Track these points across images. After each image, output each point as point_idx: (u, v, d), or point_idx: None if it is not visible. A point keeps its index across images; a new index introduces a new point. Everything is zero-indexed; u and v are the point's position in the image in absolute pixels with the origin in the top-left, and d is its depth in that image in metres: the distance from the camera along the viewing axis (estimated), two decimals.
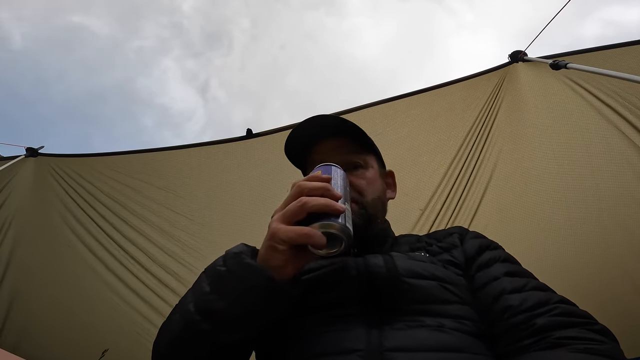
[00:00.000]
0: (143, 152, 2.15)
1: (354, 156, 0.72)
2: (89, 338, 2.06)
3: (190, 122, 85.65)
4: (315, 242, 0.43)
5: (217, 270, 0.50)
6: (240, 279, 0.47)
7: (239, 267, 0.48)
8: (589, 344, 0.46)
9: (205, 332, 0.47)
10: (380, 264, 0.58)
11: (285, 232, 0.44)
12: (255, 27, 55.09)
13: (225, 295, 0.47)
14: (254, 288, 0.46)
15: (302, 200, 0.45)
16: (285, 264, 0.46)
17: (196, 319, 0.47)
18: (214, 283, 0.49)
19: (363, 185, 0.70)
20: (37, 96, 57.94)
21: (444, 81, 2.03)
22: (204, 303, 0.48)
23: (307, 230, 0.44)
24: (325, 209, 0.44)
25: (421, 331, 0.50)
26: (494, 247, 0.67)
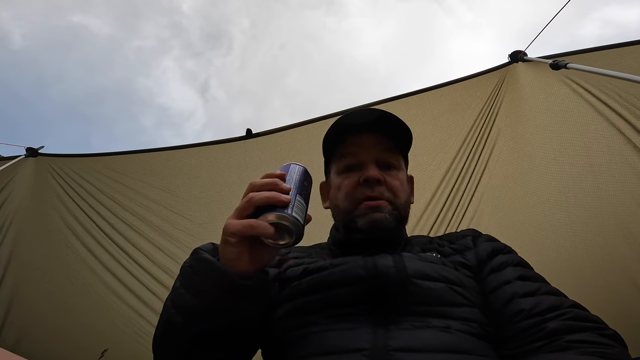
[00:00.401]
0: (143, 152, 2.15)
1: (389, 155, 0.71)
2: (89, 338, 2.07)
3: (189, 122, 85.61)
4: (261, 232, 0.45)
5: (184, 266, 0.53)
6: (198, 274, 0.50)
7: (197, 263, 0.51)
8: (598, 347, 0.46)
9: (178, 324, 0.50)
10: (389, 264, 0.58)
11: (234, 226, 0.46)
12: (255, 27, 55.10)
13: (189, 289, 0.50)
14: (210, 281, 0.48)
15: (249, 196, 0.47)
16: (239, 256, 0.48)
17: (172, 312, 0.51)
18: (182, 279, 0.53)
19: (397, 186, 0.69)
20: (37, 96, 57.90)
21: (444, 81, 2.03)
22: (176, 297, 0.51)
23: (252, 221, 0.46)
24: (270, 201, 0.46)
25: (427, 332, 0.51)
26: (507, 251, 0.66)
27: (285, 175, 0.52)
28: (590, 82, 1.78)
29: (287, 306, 0.59)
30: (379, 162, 0.69)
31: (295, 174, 0.53)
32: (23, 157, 2.13)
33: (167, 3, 39.57)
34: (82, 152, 2.19)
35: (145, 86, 69.00)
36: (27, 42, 36.21)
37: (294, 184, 0.51)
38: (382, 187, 0.67)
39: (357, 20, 54.95)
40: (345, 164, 0.71)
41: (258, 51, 66.93)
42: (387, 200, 0.66)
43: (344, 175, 0.70)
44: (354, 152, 0.70)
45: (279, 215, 0.46)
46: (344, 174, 0.70)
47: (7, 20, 29.12)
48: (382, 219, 0.64)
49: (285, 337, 0.56)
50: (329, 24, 59.18)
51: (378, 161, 0.69)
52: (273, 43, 60.91)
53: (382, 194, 0.66)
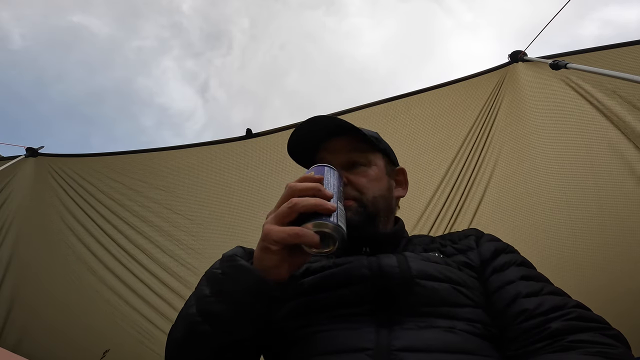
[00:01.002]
0: (143, 152, 2.15)
1: (355, 155, 0.72)
2: (90, 338, 2.07)
3: (189, 122, 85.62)
4: (307, 241, 0.44)
5: (214, 273, 0.52)
6: (234, 281, 0.48)
7: (232, 270, 0.49)
8: (601, 347, 0.46)
9: (206, 333, 0.48)
10: (393, 264, 0.58)
11: (277, 233, 0.45)
12: (255, 27, 55.11)
13: (222, 298, 0.48)
14: (248, 289, 0.47)
15: (292, 201, 0.45)
16: (279, 264, 0.47)
17: (197, 321, 0.49)
18: (212, 286, 0.51)
19: (362, 183, 0.69)
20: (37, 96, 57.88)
21: (444, 81, 2.03)
22: (204, 305, 0.49)
23: (298, 230, 0.44)
24: (315, 209, 0.45)
25: (431, 332, 0.50)
26: (509, 251, 0.66)
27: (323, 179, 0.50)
28: (590, 82, 1.78)
29: (290, 305, 0.59)
30: (346, 164, 0.71)
31: (332, 179, 0.51)
32: (23, 157, 2.13)
33: (167, 3, 39.53)
34: (81, 152, 2.19)
35: (145, 86, 68.98)
36: (27, 42, 36.19)
37: (334, 189, 0.49)
38: (347, 187, 0.67)
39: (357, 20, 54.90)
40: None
41: (258, 51, 66.87)
42: (352, 199, 0.66)
43: None
44: (322, 157, 0.73)
45: (324, 224, 0.44)
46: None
47: (7, 20, 29.11)
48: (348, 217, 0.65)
49: (287, 337, 0.56)
50: (329, 24, 59.16)
51: (346, 162, 0.71)
52: (273, 43, 60.87)
53: (347, 194, 0.66)
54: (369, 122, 2.04)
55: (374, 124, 2.04)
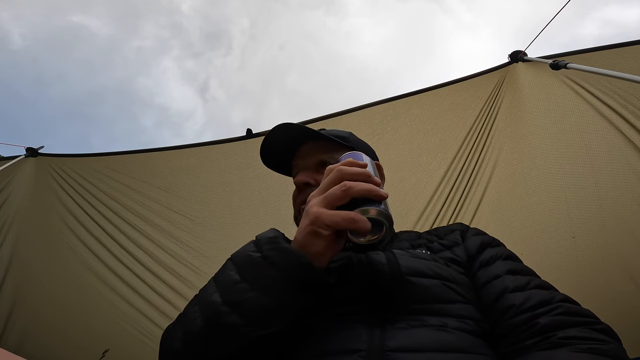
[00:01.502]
0: (143, 152, 2.15)
1: (324, 155, 0.72)
2: (90, 338, 2.07)
3: (189, 121, 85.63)
4: (361, 227, 0.42)
5: (249, 256, 0.46)
6: (276, 266, 0.44)
7: (276, 253, 0.44)
8: (592, 343, 0.45)
9: (233, 325, 0.42)
10: (382, 261, 0.57)
11: (330, 217, 0.42)
12: (255, 27, 55.11)
13: (258, 284, 0.44)
14: (292, 276, 0.43)
15: (346, 185, 0.43)
16: (326, 250, 0.44)
17: (223, 311, 0.43)
18: (244, 271, 0.45)
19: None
20: (37, 96, 57.90)
21: (444, 81, 2.03)
22: (232, 293, 0.44)
23: (354, 214, 0.42)
24: (368, 194, 0.43)
25: (424, 331, 0.50)
26: (495, 245, 0.66)
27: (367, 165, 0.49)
28: (590, 82, 1.78)
29: None
30: (317, 164, 0.71)
31: (371, 168, 0.50)
32: (23, 157, 2.13)
33: (166, 3, 39.58)
34: (81, 152, 2.19)
35: (145, 86, 69.15)
36: (27, 42, 36.27)
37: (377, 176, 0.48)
38: (312, 187, 0.67)
39: (357, 20, 54.95)
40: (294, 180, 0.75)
41: (258, 51, 67.03)
42: None
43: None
44: (295, 164, 0.75)
45: (379, 211, 0.43)
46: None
47: (7, 20, 29.16)
48: None
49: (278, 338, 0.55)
50: (329, 24, 59.25)
51: (317, 163, 0.71)
52: (273, 43, 60.99)
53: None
54: (369, 122, 2.05)
55: (374, 124, 2.05)
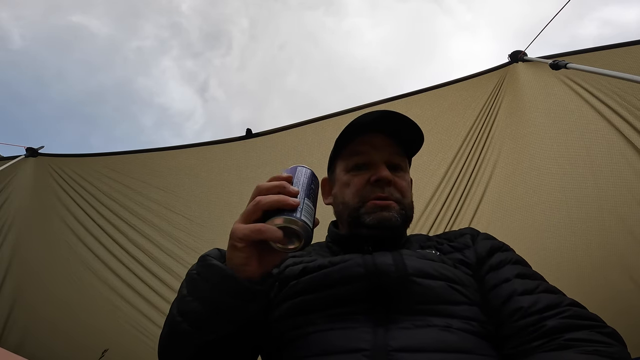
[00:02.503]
0: (143, 152, 2.15)
1: (398, 158, 0.73)
2: (90, 337, 2.07)
3: (189, 121, 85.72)
4: (270, 237, 0.45)
5: (190, 274, 0.52)
6: (206, 280, 0.49)
7: (204, 269, 0.50)
8: (598, 346, 0.46)
9: (186, 332, 0.49)
10: (389, 262, 0.58)
11: (241, 230, 0.46)
12: (254, 27, 55.14)
13: (197, 297, 0.49)
14: (219, 287, 0.47)
15: (256, 199, 0.46)
16: (247, 261, 0.47)
17: (178, 320, 0.50)
18: (189, 286, 0.51)
19: (404, 187, 0.71)
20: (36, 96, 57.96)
21: (444, 81, 2.03)
22: (182, 305, 0.50)
23: (260, 225, 0.45)
24: (278, 205, 0.46)
25: (428, 331, 0.50)
26: (505, 249, 0.67)
27: (292, 178, 0.51)
28: (590, 82, 1.78)
29: (286, 305, 0.59)
30: (388, 163, 0.70)
31: (302, 177, 0.52)
32: (23, 157, 2.13)
33: (166, 3, 39.56)
34: (80, 152, 2.19)
35: (145, 86, 69.20)
36: (27, 42, 36.26)
37: (302, 187, 0.50)
38: (391, 187, 0.68)
39: (357, 20, 54.93)
40: (355, 162, 0.71)
41: (257, 51, 67.09)
42: (395, 201, 0.67)
43: (353, 173, 0.71)
44: (365, 151, 0.71)
45: (287, 219, 0.45)
46: (353, 171, 0.71)
47: (6, 20, 29.16)
48: (390, 217, 0.66)
49: (284, 337, 0.56)
50: (329, 24, 59.27)
51: (388, 162, 0.71)
52: (272, 43, 61.03)
53: (391, 194, 0.68)
54: None
55: None
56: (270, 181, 0.49)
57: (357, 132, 0.72)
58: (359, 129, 0.71)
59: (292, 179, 0.51)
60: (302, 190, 0.49)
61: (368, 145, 0.71)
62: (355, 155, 0.72)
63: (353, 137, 0.72)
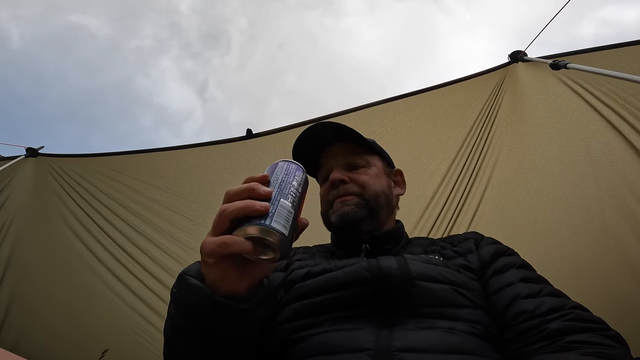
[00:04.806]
0: (143, 152, 2.15)
1: (355, 157, 0.78)
2: (89, 338, 2.06)
3: (188, 121, 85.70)
4: (237, 249, 0.39)
5: (172, 292, 0.50)
6: (186, 300, 0.47)
7: (183, 289, 0.47)
8: (599, 348, 0.46)
9: (181, 348, 0.49)
10: (393, 265, 0.58)
11: (207, 245, 0.41)
12: (253, 27, 55.15)
13: (183, 316, 0.48)
14: (199, 306, 0.45)
15: (222, 208, 0.41)
16: (223, 276, 0.43)
17: (172, 337, 0.50)
18: (174, 304, 0.50)
19: (364, 179, 0.75)
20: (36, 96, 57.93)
21: (444, 81, 2.03)
22: (172, 322, 0.50)
23: (225, 238, 0.40)
24: (243, 212, 0.40)
25: (431, 333, 0.51)
26: (509, 254, 0.67)
27: (270, 177, 0.45)
28: (590, 82, 1.78)
29: (291, 308, 0.59)
30: (347, 165, 0.77)
31: (281, 174, 0.45)
32: (23, 157, 2.13)
33: (165, 3, 39.55)
34: (80, 152, 2.19)
35: (144, 86, 69.29)
36: (26, 42, 36.28)
37: (278, 186, 0.43)
38: (348, 185, 0.74)
39: (355, 20, 54.96)
40: (322, 175, 0.81)
41: (256, 51, 67.19)
42: (353, 194, 0.73)
43: (323, 185, 0.80)
44: (325, 163, 0.80)
45: (255, 227, 0.39)
46: (322, 183, 0.81)
47: (6, 20, 29.17)
48: (349, 211, 0.71)
49: (288, 338, 0.56)
50: (327, 24, 59.33)
51: (346, 164, 0.77)
52: (271, 43, 61.11)
53: (347, 190, 0.73)
54: (369, 123, 2.04)
55: (373, 124, 2.05)
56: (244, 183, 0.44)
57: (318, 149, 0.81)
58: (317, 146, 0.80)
59: (268, 178, 0.44)
60: (277, 190, 0.42)
61: (327, 157, 0.80)
62: (321, 169, 0.81)
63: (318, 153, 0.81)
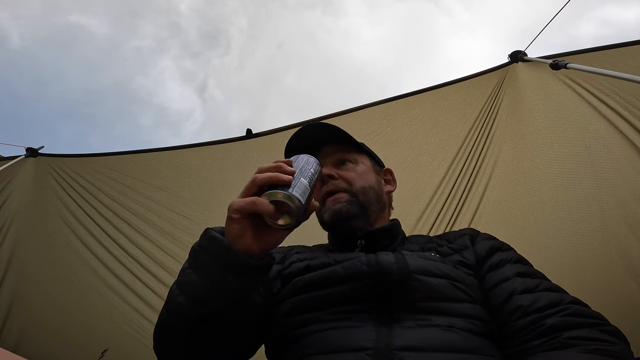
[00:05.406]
0: (143, 152, 2.15)
1: (341, 155, 0.79)
2: (89, 338, 2.06)
3: (188, 121, 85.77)
4: (262, 209, 0.47)
5: (193, 247, 0.55)
6: (205, 250, 0.52)
7: (205, 241, 0.52)
8: (599, 344, 0.46)
9: (181, 304, 0.51)
10: (391, 260, 0.59)
11: (236, 203, 0.49)
12: (253, 27, 55.13)
13: (197, 269, 0.52)
14: (217, 257, 0.50)
15: (254, 177, 0.50)
16: (242, 232, 0.49)
17: (175, 294, 0.52)
18: (190, 259, 0.54)
19: (351, 176, 0.76)
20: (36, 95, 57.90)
21: (444, 81, 2.03)
22: (182, 278, 0.53)
23: (253, 198, 0.48)
24: (271, 180, 0.49)
25: (431, 331, 0.51)
26: (505, 249, 0.68)
27: (293, 163, 0.55)
28: (590, 82, 1.78)
29: (290, 302, 0.60)
30: (335, 162, 0.78)
31: (302, 162, 0.55)
32: (23, 157, 2.13)
33: (165, 3, 39.43)
34: (79, 152, 2.19)
35: (144, 86, 69.20)
36: (25, 41, 36.23)
37: (300, 169, 0.53)
38: (336, 180, 0.74)
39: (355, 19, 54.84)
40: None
41: (256, 51, 67.11)
42: (343, 191, 0.73)
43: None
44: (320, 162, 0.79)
45: (280, 193, 0.47)
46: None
47: (5, 20, 29.15)
48: (340, 208, 0.71)
49: (288, 334, 0.57)
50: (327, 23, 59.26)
51: (335, 161, 0.78)
52: (271, 42, 61.03)
53: (337, 186, 0.74)
54: (368, 123, 2.05)
55: (373, 124, 2.05)
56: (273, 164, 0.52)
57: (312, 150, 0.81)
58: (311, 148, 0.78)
59: (292, 163, 0.54)
60: (299, 171, 0.52)
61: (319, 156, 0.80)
62: None
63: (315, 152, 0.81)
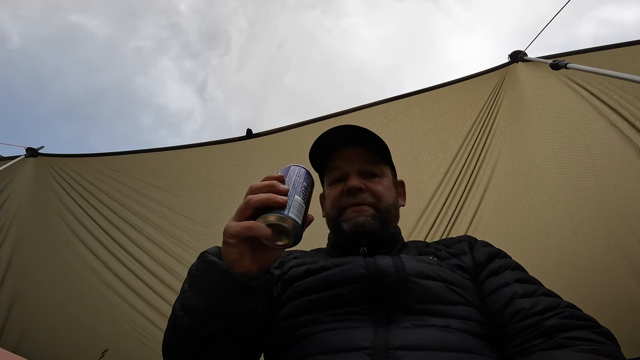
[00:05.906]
0: (144, 152, 2.15)
1: (371, 165, 0.77)
2: (89, 338, 2.06)
3: (187, 121, 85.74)
4: (258, 233, 0.47)
5: (190, 270, 0.55)
6: (204, 275, 0.52)
7: (202, 265, 0.52)
8: (594, 345, 0.48)
9: (186, 326, 0.51)
10: (389, 263, 0.60)
11: (232, 227, 0.48)
12: (253, 27, 55.11)
13: (197, 292, 0.52)
14: (216, 282, 0.50)
15: (247, 198, 0.49)
16: (240, 257, 0.49)
17: (180, 315, 0.52)
18: (189, 281, 0.54)
19: (380, 190, 0.75)
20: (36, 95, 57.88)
21: (443, 81, 2.03)
22: (184, 300, 0.53)
23: (249, 223, 0.47)
24: (266, 203, 0.48)
25: (427, 331, 0.53)
26: (503, 256, 0.70)
27: (285, 177, 0.53)
28: (590, 82, 1.78)
29: (290, 306, 0.61)
30: (362, 172, 0.76)
31: (294, 176, 0.54)
32: (23, 157, 2.13)
33: (164, 3, 39.48)
34: (78, 152, 2.19)
35: (144, 86, 69.25)
36: (25, 41, 36.24)
37: (292, 185, 0.52)
38: (364, 194, 0.73)
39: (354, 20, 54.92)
40: (333, 177, 0.79)
41: (256, 51, 67.17)
42: (369, 205, 0.73)
43: (332, 187, 0.78)
44: (339, 165, 0.78)
45: (275, 216, 0.47)
46: (332, 185, 0.79)
47: (5, 20, 29.16)
48: (364, 222, 0.71)
49: (287, 336, 0.58)
50: (326, 24, 59.34)
51: (361, 171, 0.76)
52: (270, 42, 61.11)
53: (364, 199, 0.73)
54: (368, 123, 2.05)
55: (373, 124, 2.05)
56: (263, 181, 0.52)
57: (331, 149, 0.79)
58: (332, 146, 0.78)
59: (284, 178, 0.53)
60: (292, 188, 0.51)
61: (341, 159, 0.78)
62: (332, 171, 0.79)
63: (328, 153, 0.79)
